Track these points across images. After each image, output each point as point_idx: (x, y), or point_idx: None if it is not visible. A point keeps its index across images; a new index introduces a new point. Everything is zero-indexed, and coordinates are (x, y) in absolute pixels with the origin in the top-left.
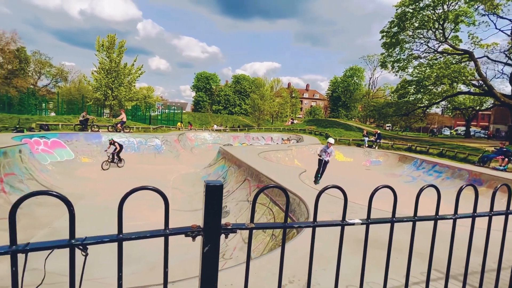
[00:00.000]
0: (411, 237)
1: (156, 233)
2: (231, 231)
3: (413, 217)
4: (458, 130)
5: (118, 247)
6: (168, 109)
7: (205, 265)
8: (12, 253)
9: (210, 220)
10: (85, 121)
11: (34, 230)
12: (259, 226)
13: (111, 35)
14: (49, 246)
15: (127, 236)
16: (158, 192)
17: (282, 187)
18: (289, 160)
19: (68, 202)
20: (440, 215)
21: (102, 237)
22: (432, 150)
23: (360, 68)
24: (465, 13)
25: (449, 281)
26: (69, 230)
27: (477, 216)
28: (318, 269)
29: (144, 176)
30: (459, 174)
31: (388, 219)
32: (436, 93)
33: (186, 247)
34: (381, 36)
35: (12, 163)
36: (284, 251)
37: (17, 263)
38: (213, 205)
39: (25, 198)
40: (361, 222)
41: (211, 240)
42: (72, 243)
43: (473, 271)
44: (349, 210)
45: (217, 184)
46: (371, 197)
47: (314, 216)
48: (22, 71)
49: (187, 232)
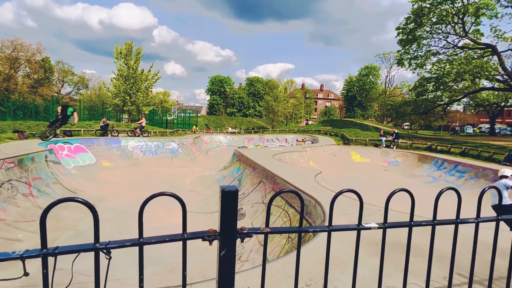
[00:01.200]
0: (430, 241)
1: (174, 237)
2: (246, 235)
3: (432, 220)
4: (482, 128)
5: (139, 251)
6: (184, 113)
7: (222, 269)
8: (43, 256)
9: (226, 225)
10: (105, 126)
11: (59, 232)
12: (274, 230)
13: (129, 43)
14: (76, 250)
15: (148, 240)
16: (176, 198)
17: (296, 192)
18: (304, 161)
19: (93, 208)
20: (461, 218)
21: (125, 241)
22: (453, 149)
23: (375, 66)
24: (487, 5)
25: (472, 286)
26: (94, 235)
27: (501, 220)
28: (336, 273)
29: (161, 179)
30: (483, 174)
31: (406, 223)
32: (457, 90)
33: (202, 249)
34: (397, 33)
35: (39, 168)
36: (299, 256)
37: (47, 265)
38: (229, 210)
39: (54, 205)
40: (378, 226)
41: (227, 245)
42: (97, 247)
43: (500, 276)
44: (366, 212)
45: (232, 190)
46: (388, 200)
47: (330, 221)
48: (47, 80)
49: (204, 237)
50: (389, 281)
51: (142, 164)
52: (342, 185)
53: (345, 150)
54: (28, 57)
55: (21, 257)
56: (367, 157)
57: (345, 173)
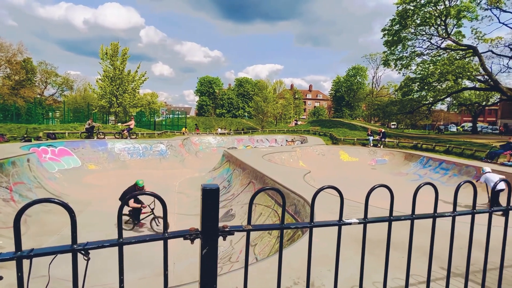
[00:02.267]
0: (410, 235)
1: (155, 237)
2: (228, 233)
3: (411, 215)
4: (465, 126)
5: (119, 251)
6: (172, 114)
7: (204, 267)
8: (18, 259)
9: (207, 223)
10: (91, 128)
11: (44, 237)
12: (256, 227)
13: (115, 43)
14: (52, 252)
15: (127, 240)
16: (156, 196)
17: (277, 189)
18: (294, 161)
19: (70, 209)
20: (438, 212)
21: (103, 241)
22: (438, 148)
23: (362, 67)
24: (467, 8)
25: (456, 278)
26: (71, 236)
27: (476, 213)
28: (323, 270)
29: (149, 182)
30: (466, 171)
31: (386, 218)
32: (440, 90)
33: (193, 251)
34: (383, 34)
35: (21, 172)
36: (282, 253)
37: (22, 268)
38: (210, 208)
39: (28, 206)
40: (358, 222)
41: (209, 243)
42: (74, 248)
43: (481, 268)
44: (353, 209)
45: (213, 188)
46: (367, 196)
47: (311, 217)
48: (29, 82)
49: (185, 235)
50: (377, 277)
51: (129, 167)
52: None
53: (334, 150)
54: (9, 57)
55: None
56: (355, 156)
57: (334, 173)
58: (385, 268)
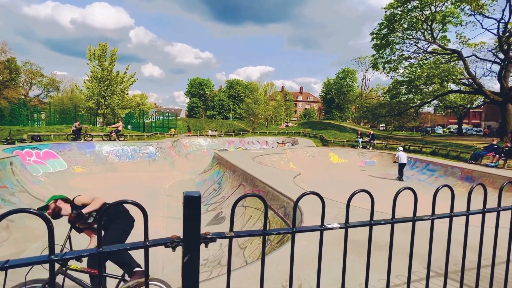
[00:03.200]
0: (390, 239)
1: (136, 245)
2: (210, 240)
3: (391, 219)
4: (451, 128)
5: (99, 260)
6: (163, 116)
7: (186, 275)
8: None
9: (189, 230)
10: (78, 130)
11: (27, 243)
12: (238, 234)
13: (103, 44)
14: (29, 263)
15: (107, 249)
16: (137, 205)
17: (260, 196)
18: (284, 163)
19: (47, 219)
20: (418, 216)
21: (82, 251)
22: (425, 149)
23: (352, 69)
24: (452, 13)
25: (435, 277)
26: (49, 246)
27: (454, 216)
28: (311, 273)
29: (138, 184)
30: (451, 172)
31: (367, 223)
32: (427, 93)
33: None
34: (372, 38)
35: (3, 176)
36: (264, 259)
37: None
38: (192, 216)
39: (3, 217)
40: (340, 226)
41: (190, 250)
42: (52, 259)
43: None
44: (342, 211)
45: (195, 195)
46: (349, 201)
47: (293, 223)
48: (13, 82)
49: (166, 243)
50: (362, 278)
51: (118, 169)
52: (320, 186)
53: (324, 152)
54: None
55: None
56: (345, 158)
57: (324, 174)
58: (367, 270)
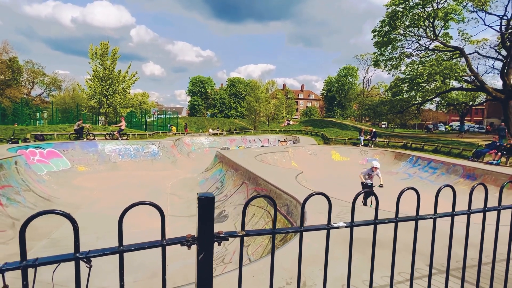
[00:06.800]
0: (394, 236)
1: (154, 244)
2: (223, 239)
3: (395, 218)
4: (453, 126)
5: (120, 258)
6: (164, 115)
7: (200, 272)
8: (23, 268)
9: (203, 230)
10: (80, 129)
11: (33, 241)
12: (250, 233)
13: (104, 43)
14: (56, 260)
15: (127, 248)
16: (155, 206)
17: (269, 196)
18: (286, 161)
19: (73, 220)
20: (420, 215)
21: (105, 249)
22: (427, 147)
23: (353, 67)
24: (454, 10)
25: (437, 274)
26: (74, 245)
27: (456, 215)
28: (315, 270)
29: (141, 183)
30: (454, 170)
31: (371, 221)
32: (429, 90)
33: (186, 253)
34: (373, 35)
35: (9, 175)
36: (274, 257)
37: (27, 277)
38: (206, 216)
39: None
40: (345, 225)
41: (205, 249)
42: (77, 257)
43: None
44: (344, 209)
45: (209, 196)
46: (354, 201)
47: (301, 222)
48: (15, 81)
49: (182, 242)
50: (366, 276)
51: (120, 168)
52: (322, 184)
53: (326, 150)
54: None
55: (0, 269)
56: (346, 156)
57: (326, 172)
58: (371, 267)
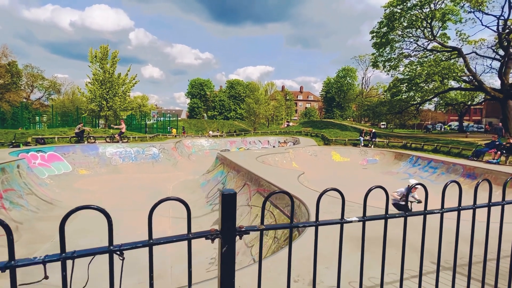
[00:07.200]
0: (403, 231)
1: (181, 237)
2: (245, 232)
3: (404, 213)
4: (452, 125)
5: (149, 251)
6: (164, 117)
7: (224, 264)
8: (63, 259)
9: (226, 224)
10: (81, 133)
11: (37, 244)
12: (269, 227)
13: (104, 46)
14: (92, 253)
15: (157, 241)
16: (181, 201)
17: (287, 192)
18: (287, 162)
19: (107, 214)
20: (428, 210)
21: (136, 243)
22: (426, 147)
23: (352, 68)
24: (452, 11)
25: (441, 271)
26: (108, 238)
27: (462, 209)
28: (321, 268)
29: (143, 186)
30: (454, 169)
31: (382, 216)
32: (428, 90)
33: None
34: (371, 36)
35: (11, 179)
36: (291, 249)
37: (66, 268)
38: (229, 211)
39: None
40: (358, 220)
41: (228, 242)
42: (111, 249)
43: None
44: (347, 209)
45: (231, 192)
46: (366, 197)
47: (316, 216)
48: (14, 85)
49: (207, 236)
50: (371, 273)
51: (122, 171)
52: (324, 184)
53: (326, 151)
54: None
55: (43, 261)
56: (346, 157)
57: (327, 173)
58: (382, 262)
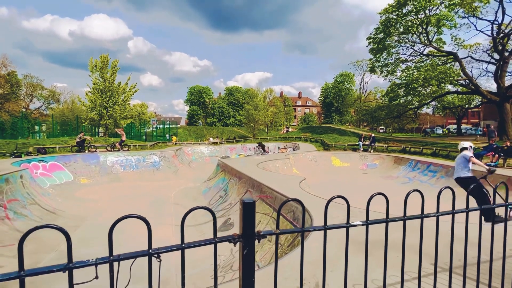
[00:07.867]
0: (403, 234)
1: (208, 241)
2: (263, 236)
3: (403, 216)
4: (450, 129)
5: (182, 254)
6: (163, 125)
7: (245, 264)
8: (111, 261)
9: (247, 229)
10: (82, 142)
11: (41, 254)
12: (283, 232)
13: (104, 56)
14: (134, 256)
15: (188, 245)
16: (207, 209)
17: (299, 200)
18: (288, 168)
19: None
20: (425, 213)
21: (170, 246)
22: (425, 150)
23: (350, 73)
24: (446, 16)
25: (440, 272)
26: (148, 243)
27: (456, 213)
28: (326, 271)
29: (144, 193)
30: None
31: (383, 220)
32: (425, 94)
33: (194, 261)
34: (368, 42)
35: (15, 189)
36: (303, 252)
37: (113, 269)
38: (249, 217)
39: (119, 221)
40: (362, 223)
41: (248, 244)
42: (150, 252)
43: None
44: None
45: (250, 201)
46: (368, 202)
47: (325, 221)
48: (14, 95)
49: (230, 240)
50: (373, 275)
51: (123, 179)
52: (325, 190)
53: (326, 156)
54: None
55: (95, 263)
56: (346, 162)
57: (327, 178)
58: (384, 264)
